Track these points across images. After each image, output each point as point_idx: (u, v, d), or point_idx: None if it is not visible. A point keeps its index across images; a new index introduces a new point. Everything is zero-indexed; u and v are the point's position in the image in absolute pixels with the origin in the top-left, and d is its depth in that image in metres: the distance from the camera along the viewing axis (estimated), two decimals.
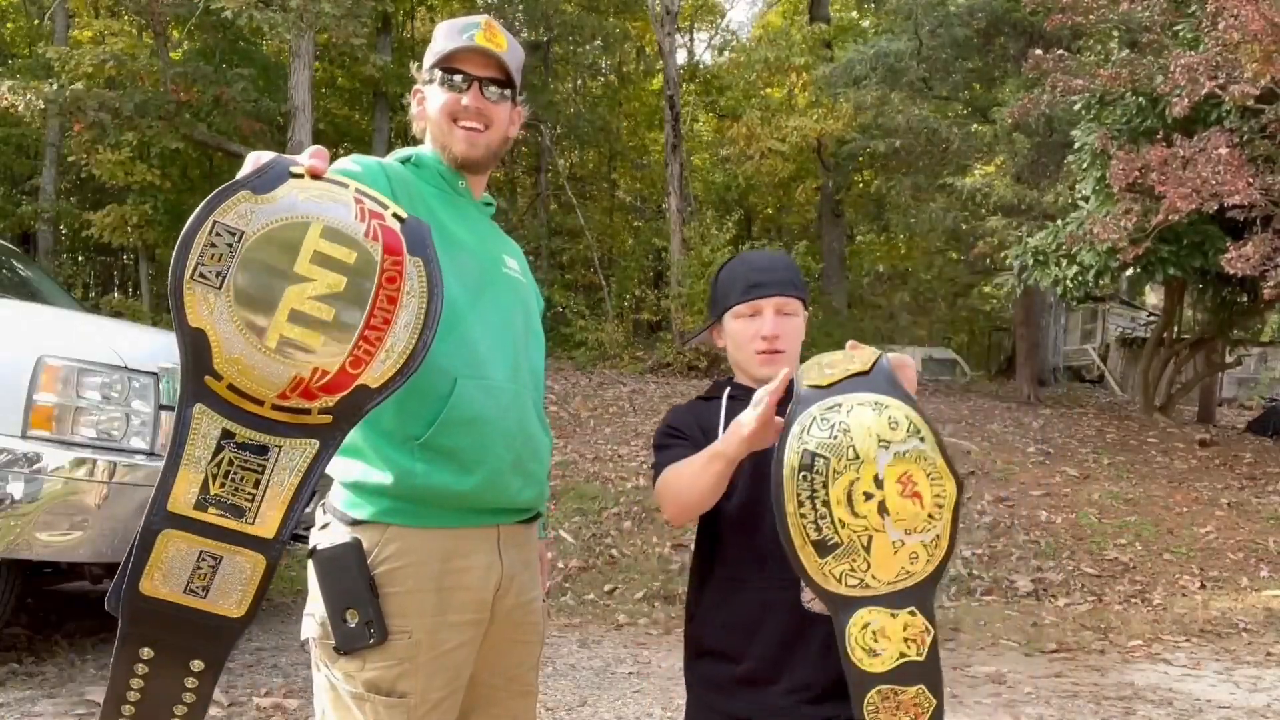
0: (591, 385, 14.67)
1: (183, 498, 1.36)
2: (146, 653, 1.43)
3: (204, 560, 1.38)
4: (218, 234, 1.32)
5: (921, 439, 1.68)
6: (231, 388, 1.35)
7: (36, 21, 20.07)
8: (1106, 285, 14.29)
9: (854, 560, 1.68)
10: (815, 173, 22.77)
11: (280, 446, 1.38)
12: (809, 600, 1.96)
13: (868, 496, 1.66)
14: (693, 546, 2.26)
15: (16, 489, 4.10)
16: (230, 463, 1.36)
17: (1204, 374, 16.82)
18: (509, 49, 2.09)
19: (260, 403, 1.36)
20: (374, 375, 1.38)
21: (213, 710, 4.09)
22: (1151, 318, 20.32)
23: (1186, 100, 10.49)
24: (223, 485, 1.36)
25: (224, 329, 1.32)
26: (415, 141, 2.20)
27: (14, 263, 6.76)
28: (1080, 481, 10.50)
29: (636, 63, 25.74)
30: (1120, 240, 11.52)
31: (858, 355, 1.77)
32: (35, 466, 4.12)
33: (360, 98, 23.18)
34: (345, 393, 1.38)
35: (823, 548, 1.68)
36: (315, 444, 1.39)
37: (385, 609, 1.84)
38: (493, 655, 2.05)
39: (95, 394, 4.29)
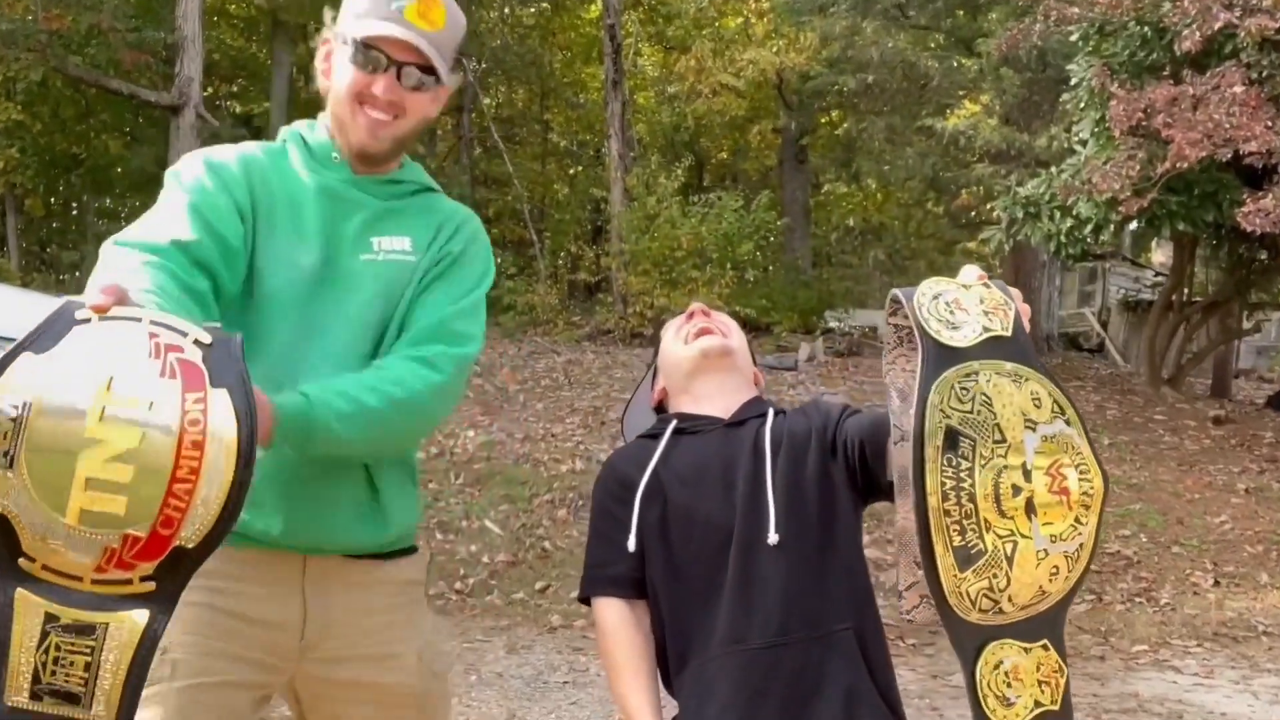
0: (521, 354, 14.61)
1: (18, 689, 1.37)
2: None
3: None
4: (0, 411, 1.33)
5: (1067, 421, 1.51)
6: (46, 568, 1.36)
7: None
8: (1106, 241, 14.35)
9: (994, 575, 1.45)
10: (775, 113, 22.74)
11: (107, 624, 1.39)
12: (909, 610, 1.77)
13: (1015, 491, 1.45)
14: None
15: None
16: (57, 648, 1.37)
17: (1218, 342, 16.95)
18: (446, 26, 2.01)
19: (79, 579, 1.37)
20: (189, 534, 1.37)
21: None
22: (1158, 278, 20.48)
23: (1198, 34, 10.55)
24: (53, 673, 1.38)
25: (24, 510, 1.34)
26: (317, 93, 2.10)
27: None
28: None
29: None
30: (1122, 190, 11.54)
31: (992, 307, 1.57)
32: None
33: (257, 26, 22.90)
34: (162, 557, 1.38)
35: (965, 557, 1.44)
36: (145, 614, 1.40)
37: None
38: None
39: None
